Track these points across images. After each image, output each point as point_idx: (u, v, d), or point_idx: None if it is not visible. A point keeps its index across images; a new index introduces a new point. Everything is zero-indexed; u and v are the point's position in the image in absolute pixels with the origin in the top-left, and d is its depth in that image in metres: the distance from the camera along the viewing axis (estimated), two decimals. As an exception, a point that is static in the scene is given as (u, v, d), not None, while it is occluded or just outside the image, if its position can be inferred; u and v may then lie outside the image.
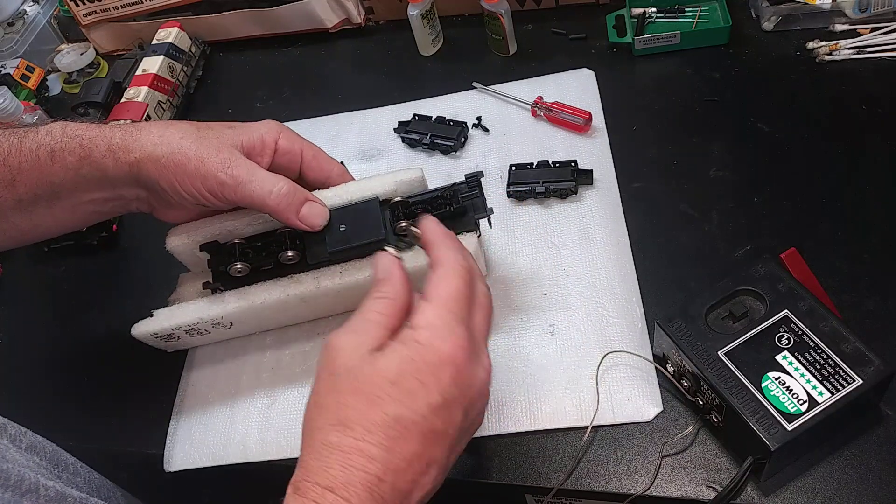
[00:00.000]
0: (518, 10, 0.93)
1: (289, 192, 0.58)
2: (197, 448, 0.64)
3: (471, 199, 0.62)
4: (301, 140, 0.63)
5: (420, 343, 0.45)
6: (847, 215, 0.65)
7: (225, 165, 0.57)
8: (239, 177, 0.57)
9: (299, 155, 0.63)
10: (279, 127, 0.62)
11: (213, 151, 0.57)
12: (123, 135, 0.58)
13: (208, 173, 0.56)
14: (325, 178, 0.64)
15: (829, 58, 0.77)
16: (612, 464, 0.56)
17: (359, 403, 0.43)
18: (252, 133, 0.60)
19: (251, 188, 0.57)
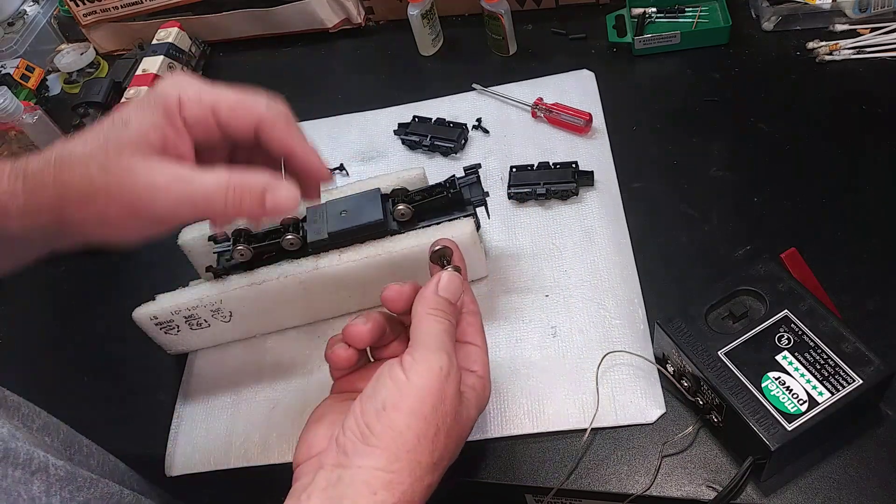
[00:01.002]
0: (518, 10, 0.93)
1: (242, 192, 0.45)
2: (199, 452, 0.64)
3: (468, 184, 0.63)
4: (210, 93, 0.47)
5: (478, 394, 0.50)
6: (847, 215, 0.65)
7: (152, 192, 0.44)
8: (177, 201, 0.44)
9: (213, 120, 0.47)
10: (178, 87, 0.46)
11: (126, 182, 0.44)
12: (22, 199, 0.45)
13: (137, 212, 0.45)
14: (255, 132, 0.48)
15: (829, 58, 0.77)
16: (612, 464, 0.56)
17: (451, 444, 0.45)
18: (153, 119, 0.45)
19: (199, 208, 0.45)
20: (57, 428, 0.52)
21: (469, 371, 0.49)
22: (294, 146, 0.49)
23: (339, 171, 0.82)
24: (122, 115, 0.46)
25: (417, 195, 0.63)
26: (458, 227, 0.62)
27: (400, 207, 0.62)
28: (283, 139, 0.48)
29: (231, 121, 0.47)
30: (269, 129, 0.48)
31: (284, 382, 0.66)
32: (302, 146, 0.49)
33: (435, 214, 0.64)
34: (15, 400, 0.49)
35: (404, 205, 0.62)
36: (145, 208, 0.44)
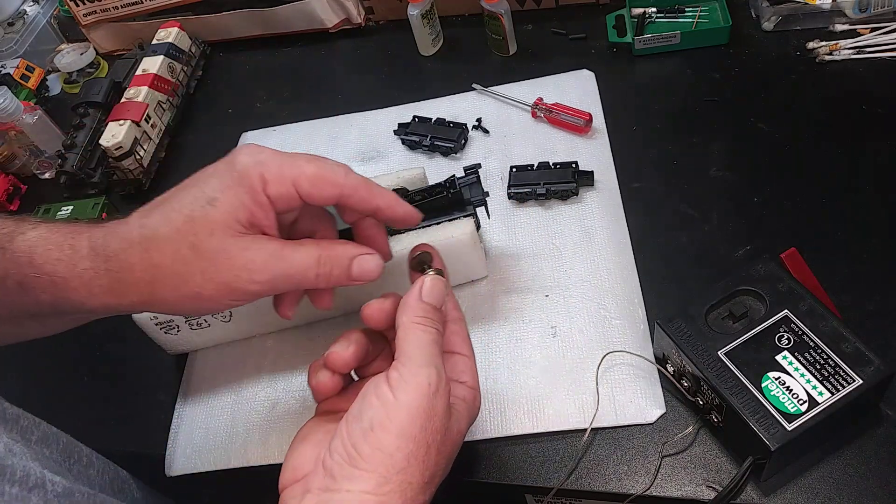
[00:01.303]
0: (518, 10, 0.93)
1: (330, 265, 0.48)
2: (198, 452, 0.64)
3: (467, 184, 0.63)
4: (291, 168, 0.48)
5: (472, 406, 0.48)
6: (847, 215, 0.65)
7: (248, 274, 0.46)
8: (272, 277, 0.46)
9: (295, 194, 0.48)
10: (259, 165, 0.47)
11: (221, 263, 0.45)
12: (107, 280, 0.46)
13: (233, 291, 0.46)
14: (339, 195, 0.48)
15: (829, 58, 0.77)
16: (612, 464, 0.56)
17: (441, 460, 0.44)
18: (240, 199, 0.46)
19: (291, 281, 0.47)
20: (56, 438, 0.50)
21: (458, 382, 0.48)
22: (379, 205, 0.50)
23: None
24: (204, 191, 0.46)
25: (417, 195, 0.63)
26: (458, 227, 0.62)
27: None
28: (367, 203, 0.49)
29: (313, 193, 0.48)
30: (350, 198, 0.49)
31: (284, 382, 0.66)
32: (387, 202, 0.50)
33: (435, 214, 0.64)
34: (13, 412, 0.48)
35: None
36: (243, 288, 0.46)
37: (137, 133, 0.86)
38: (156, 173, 0.90)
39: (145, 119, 0.88)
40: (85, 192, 0.89)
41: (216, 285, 0.46)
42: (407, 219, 0.52)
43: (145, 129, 0.88)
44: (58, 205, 0.83)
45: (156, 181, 0.89)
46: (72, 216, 0.81)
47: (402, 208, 0.51)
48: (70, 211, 0.82)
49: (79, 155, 0.88)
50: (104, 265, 0.46)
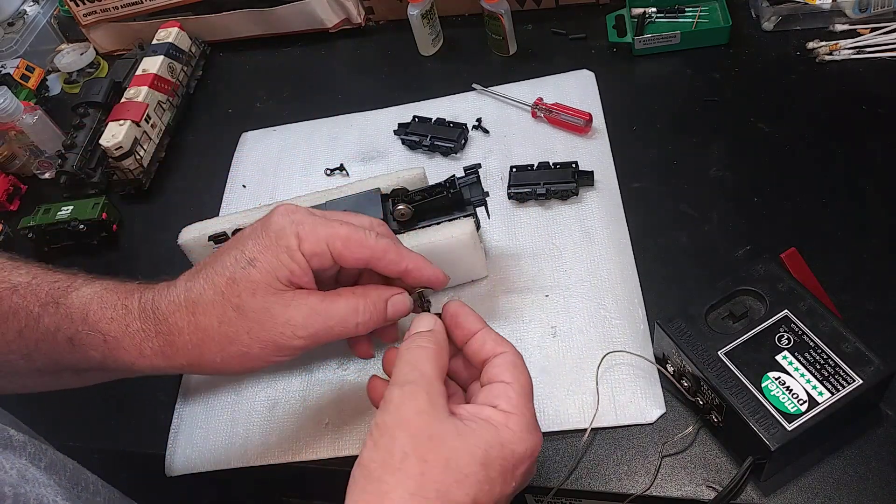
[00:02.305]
0: (518, 10, 0.93)
1: (373, 312, 0.50)
2: (198, 453, 0.64)
3: (467, 184, 0.63)
4: (326, 228, 0.49)
5: (511, 430, 0.44)
6: (847, 215, 0.65)
7: (293, 330, 0.48)
8: (315, 332, 0.48)
9: (328, 255, 0.49)
10: (295, 224, 0.49)
11: (265, 322, 0.47)
12: (158, 342, 0.49)
13: (279, 347, 0.48)
14: (369, 258, 0.50)
15: (829, 58, 0.77)
16: (612, 464, 0.56)
17: (446, 479, 0.41)
18: (279, 259, 0.48)
19: (334, 332, 0.49)
20: (63, 465, 0.50)
21: (487, 406, 0.45)
22: (407, 268, 0.51)
23: (340, 171, 0.82)
24: (244, 253, 0.48)
25: (417, 195, 0.63)
26: (458, 227, 0.62)
27: (400, 207, 0.62)
28: (395, 266, 0.51)
29: (345, 255, 0.49)
30: (380, 260, 0.50)
31: (284, 383, 0.66)
32: (415, 264, 0.52)
33: (435, 214, 0.64)
34: (20, 439, 0.48)
35: (404, 205, 0.62)
36: (287, 343, 0.48)
37: (137, 133, 0.86)
38: (156, 173, 0.90)
39: (145, 119, 0.88)
40: (85, 192, 0.89)
41: (262, 343, 0.47)
42: (433, 281, 0.53)
43: (145, 129, 0.88)
44: (58, 205, 0.83)
45: (156, 181, 0.89)
46: (71, 216, 0.81)
47: (430, 271, 0.52)
48: (70, 211, 0.82)
49: (79, 155, 0.88)
50: (154, 327, 0.49)
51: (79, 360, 0.50)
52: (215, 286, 0.48)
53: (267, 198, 0.81)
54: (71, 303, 0.50)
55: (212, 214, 0.76)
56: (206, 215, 0.70)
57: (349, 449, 0.60)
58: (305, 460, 0.61)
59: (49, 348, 0.50)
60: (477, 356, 0.48)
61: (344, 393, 0.63)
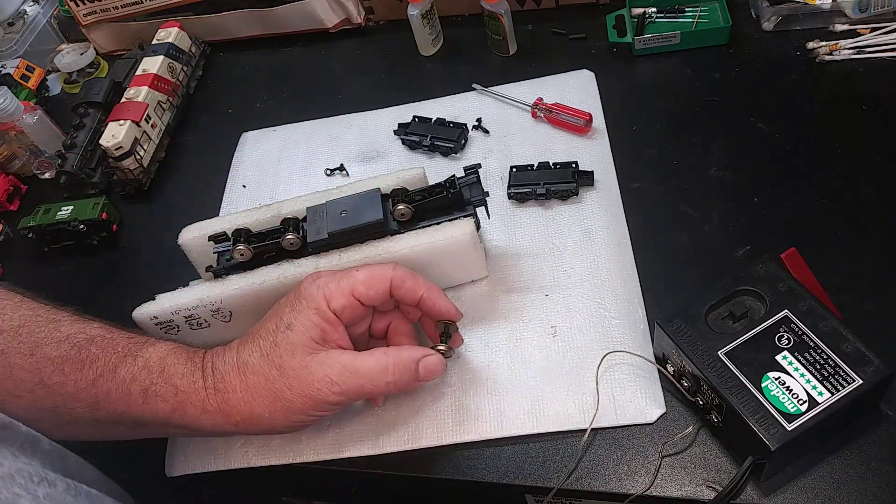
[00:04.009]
0: (518, 10, 0.93)
1: (402, 371, 0.55)
2: (198, 453, 0.63)
3: (467, 184, 0.63)
4: (346, 278, 0.56)
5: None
6: (847, 215, 0.65)
7: (328, 385, 0.53)
8: (347, 389, 0.53)
9: (356, 302, 0.56)
10: (321, 288, 0.55)
11: (304, 377, 0.53)
12: (217, 399, 0.54)
13: (317, 402, 0.53)
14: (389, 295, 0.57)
15: (829, 58, 0.77)
16: (612, 464, 0.56)
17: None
18: (311, 320, 0.54)
19: (364, 390, 0.54)
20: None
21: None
22: (422, 293, 0.57)
23: (340, 171, 0.82)
24: (282, 319, 0.55)
25: (417, 195, 0.63)
26: (458, 227, 0.62)
27: (400, 207, 0.62)
28: (413, 290, 0.57)
29: (369, 294, 0.55)
30: (400, 286, 0.56)
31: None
32: (429, 292, 0.57)
33: (435, 214, 0.64)
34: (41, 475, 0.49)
35: (404, 205, 0.62)
36: (324, 398, 0.53)
37: (137, 133, 0.86)
38: (156, 173, 0.90)
39: (145, 119, 0.88)
40: (85, 192, 0.89)
41: (303, 398, 0.53)
42: (446, 314, 0.58)
43: (145, 129, 0.88)
44: (58, 205, 0.83)
45: (156, 181, 0.89)
46: (72, 216, 0.81)
47: (444, 301, 0.58)
48: (70, 211, 0.82)
49: (79, 155, 0.88)
50: (214, 385, 0.54)
51: (145, 413, 0.54)
52: (261, 350, 0.54)
53: (267, 198, 0.81)
54: (149, 356, 0.55)
55: (212, 214, 0.76)
56: (206, 215, 0.70)
57: (350, 450, 0.60)
58: (306, 461, 0.61)
59: (120, 398, 0.54)
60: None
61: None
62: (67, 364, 0.54)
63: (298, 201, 0.67)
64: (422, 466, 0.59)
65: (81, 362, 0.54)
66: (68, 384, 0.53)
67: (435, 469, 0.59)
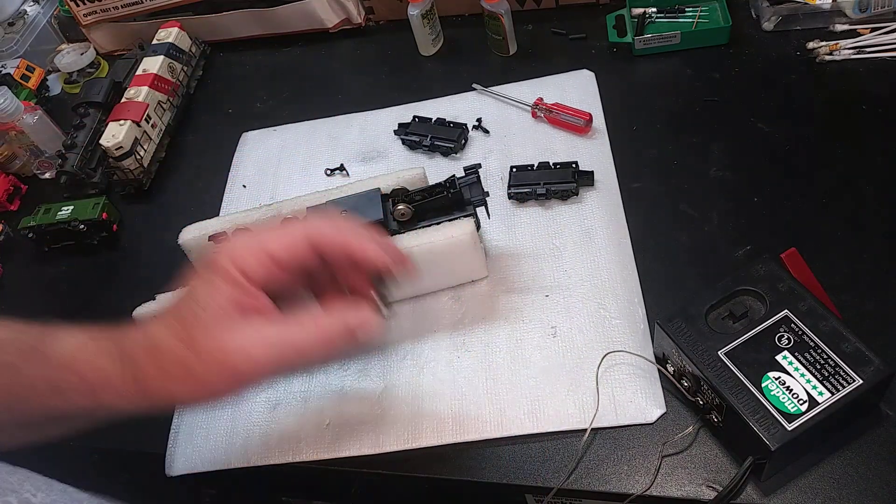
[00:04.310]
0: (518, 10, 0.93)
1: (329, 344, 0.48)
2: (199, 453, 0.64)
3: (467, 184, 0.63)
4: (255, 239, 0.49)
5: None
6: (847, 215, 0.65)
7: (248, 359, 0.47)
8: (270, 366, 0.47)
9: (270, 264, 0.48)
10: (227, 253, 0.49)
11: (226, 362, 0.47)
12: (134, 388, 0.49)
13: (243, 376, 0.48)
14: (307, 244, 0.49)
15: (829, 58, 0.77)
16: (612, 464, 0.56)
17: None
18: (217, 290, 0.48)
19: (292, 365, 0.49)
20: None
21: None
22: (349, 241, 0.49)
23: (340, 171, 0.82)
24: (192, 295, 0.48)
25: (417, 195, 0.63)
26: (458, 227, 0.62)
27: (400, 207, 0.62)
28: (334, 240, 0.49)
29: (285, 251, 0.48)
30: (321, 239, 0.49)
31: (285, 383, 0.66)
32: (358, 240, 0.49)
33: (435, 214, 0.64)
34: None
35: (404, 205, 0.62)
36: (247, 372, 0.47)
37: (137, 133, 0.86)
38: (156, 173, 0.90)
39: (145, 119, 0.88)
40: (85, 192, 0.89)
41: (223, 377, 0.47)
42: (379, 262, 0.49)
43: (145, 129, 0.88)
44: (58, 205, 0.83)
45: (156, 181, 0.89)
46: (72, 216, 0.81)
47: (372, 249, 0.49)
48: (70, 211, 0.82)
49: (79, 155, 0.88)
50: (132, 372, 0.49)
51: (66, 408, 0.50)
52: (170, 328, 0.48)
53: (267, 198, 0.81)
54: (54, 352, 0.51)
55: (212, 214, 0.76)
56: (206, 215, 0.71)
57: (350, 450, 0.60)
58: (306, 461, 0.61)
59: (34, 398, 0.50)
60: None
61: (345, 394, 0.63)
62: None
63: (298, 201, 0.67)
64: (422, 466, 0.59)
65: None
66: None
67: (435, 469, 0.59)
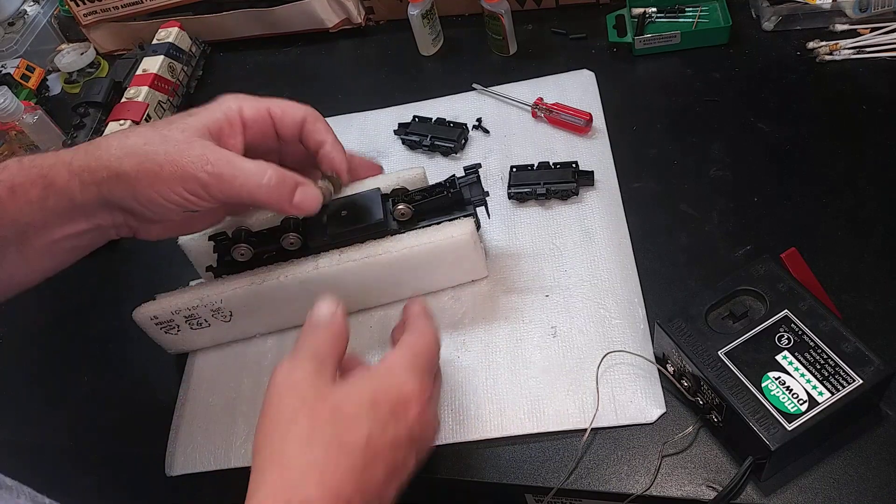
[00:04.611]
0: (518, 10, 0.93)
1: (279, 181, 0.54)
2: (199, 452, 0.64)
3: (468, 184, 0.63)
4: (265, 100, 0.58)
5: (392, 376, 0.47)
6: (847, 215, 0.65)
7: (203, 162, 0.51)
8: (222, 173, 0.52)
9: (269, 117, 0.58)
10: (238, 98, 0.57)
11: (183, 149, 0.51)
12: (84, 156, 0.52)
13: (186, 175, 0.51)
14: (300, 128, 0.59)
15: (829, 58, 0.77)
16: (612, 464, 0.56)
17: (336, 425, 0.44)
18: (214, 114, 0.55)
19: (238, 183, 0.52)
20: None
21: None
22: (326, 140, 0.59)
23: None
24: (188, 111, 0.56)
25: (418, 195, 0.63)
26: (458, 227, 0.62)
27: (400, 207, 0.62)
28: (319, 133, 0.59)
29: (284, 116, 0.58)
30: (311, 124, 0.59)
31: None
32: (334, 147, 0.59)
33: (435, 214, 0.64)
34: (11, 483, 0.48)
35: (404, 205, 0.62)
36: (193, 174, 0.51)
37: (137, 133, 0.86)
38: (156, 173, 0.89)
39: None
40: (85, 192, 0.89)
41: (172, 168, 0.51)
42: (337, 167, 0.59)
43: (145, 129, 0.88)
44: (58, 205, 0.83)
45: (156, 181, 0.89)
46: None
47: (338, 155, 0.59)
48: (70, 211, 0.82)
49: (79, 155, 0.88)
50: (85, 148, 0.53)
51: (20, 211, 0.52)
52: (153, 124, 0.55)
53: (267, 198, 0.81)
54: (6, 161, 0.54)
55: (212, 214, 0.76)
56: (206, 215, 0.70)
57: (349, 449, 0.60)
58: (305, 460, 0.61)
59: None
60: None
61: (344, 393, 0.63)
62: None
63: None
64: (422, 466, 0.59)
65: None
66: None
67: (435, 469, 0.59)
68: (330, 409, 0.44)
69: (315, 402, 0.45)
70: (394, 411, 0.45)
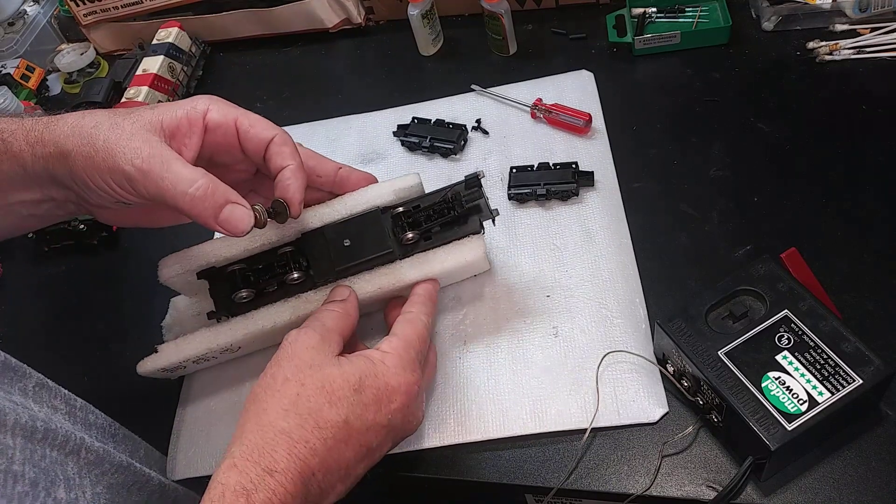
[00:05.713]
0: (518, 10, 0.93)
1: (206, 193, 0.50)
2: (201, 456, 0.63)
3: (473, 201, 0.62)
4: (236, 110, 0.55)
5: (386, 366, 0.52)
6: (847, 215, 0.66)
7: (134, 156, 0.49)
8: (150, 170, 0.49)
9: (234, 127, 0.55)
10: (209, 100, 0.55)
11: (123, 140, 0.49)
12: (42, 128, 0.51)
13: (115, 166, 0.49)
14: (266, 149, 0.55)
15: (829, 58, 0.77)
16: (612, 464, 0.56)
17: (319, 399, 0.48)
18: (176, 111, 0.53)
19: (163, 184, 0.49)
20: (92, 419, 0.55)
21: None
22: (288, 166, 0.55)
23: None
24: (156, 104, 0.53)
25: (421, 214, 0.61)
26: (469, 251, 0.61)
27: (409, 235, 0.60)
28: (283, 156, 0.55)
29: (250, 130, 0.55)
30: (277, 146, 0.55)
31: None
32: (294, 171, 0.56)
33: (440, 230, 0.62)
34: (51, 385, 0.53)
35: (412, 232, 0.60)
36: (120, 166, 0.49)
37: (137, 133, 0.86)
38: (156, 173, 0.89)
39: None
40: (85, 192, 0.89)
41: (106, 154, 0.49)
42: (290, 200, 0.55)
43: (145, 130, 0.88)
44: (58, 205, 0.83)
45: (156, 181, 0.89)
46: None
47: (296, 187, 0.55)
48: (70, 211, 0.82)
49: (79, 155, 0.88)
50: (46, 120, 0.52)
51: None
52: (115, 110, 0.53)
53: (267, 198, 0.81)
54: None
55: (212, 214, 0.76)
56: (206, 215, 0.70)
57: (350, 449, 0.60)
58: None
59: None
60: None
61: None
62: None
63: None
64: (422, 466, 0.59)
65: None
66: None
67: (435, 469, 0.59)
68: (318, 382, 0.48)
69: (309, 370, 0.49)
70: (377, 399, 0.50)
